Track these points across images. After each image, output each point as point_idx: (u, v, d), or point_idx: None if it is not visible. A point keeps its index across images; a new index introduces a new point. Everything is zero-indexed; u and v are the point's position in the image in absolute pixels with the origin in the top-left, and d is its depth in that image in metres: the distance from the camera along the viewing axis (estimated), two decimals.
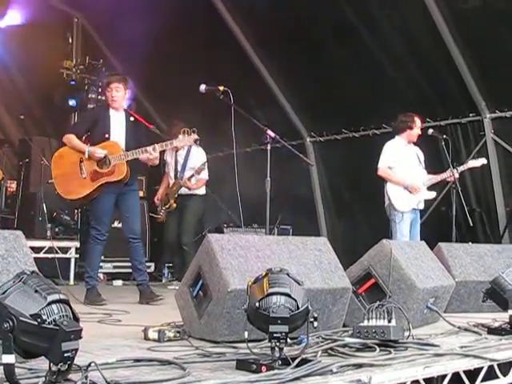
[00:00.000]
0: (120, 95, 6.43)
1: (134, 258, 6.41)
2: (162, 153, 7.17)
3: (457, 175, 7.45)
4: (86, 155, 6.16)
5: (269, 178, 5.65)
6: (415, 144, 7.67)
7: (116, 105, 6.42)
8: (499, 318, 4.68)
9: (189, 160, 8.48)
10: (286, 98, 10.68)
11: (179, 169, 8.54)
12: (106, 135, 6.29)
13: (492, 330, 4.30)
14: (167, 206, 8.58)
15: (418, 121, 7.55)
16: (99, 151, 6.15)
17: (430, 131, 7.51)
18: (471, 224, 7.69)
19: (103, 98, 11.78)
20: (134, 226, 6.41)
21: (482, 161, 7.74)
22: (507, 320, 4.30)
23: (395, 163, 7.42)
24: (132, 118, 6.47)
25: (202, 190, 8.68)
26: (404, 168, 7.42)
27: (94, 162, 6.19)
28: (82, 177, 6.21)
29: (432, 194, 7.58)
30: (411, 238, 7.31)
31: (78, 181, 6.22)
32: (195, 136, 6.40)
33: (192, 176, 8.37)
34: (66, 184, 6.28)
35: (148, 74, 11.36)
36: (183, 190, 8.51)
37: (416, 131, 7.50)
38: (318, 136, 10.85)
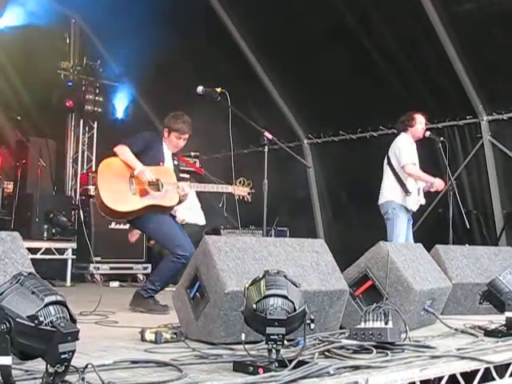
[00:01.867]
0: (184, 144, 6.34)
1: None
2: None
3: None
4: (136, 172, 5.87)
5: (266, 180, 5.65)
6: (421, 145, 7.61)
7: (175, 151, 6.32)
8: (496, 320, 4.68)
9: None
10: (283, 100, 10.70)
11: None
12: (161, 163, 6.12)
13: (489, 332, 4.31)
14: None
15: (418, 117, 7.42)
16: (149, 174, 5.89)
17: (428, 133, 7.49)
18: (468, 226, 7.70)
19: (100, 99, 11.82)
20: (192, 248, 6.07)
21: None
22: (504, 322, 4.30)
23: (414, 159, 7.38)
24: (176, 162, 6.35)
25: (199, 220, 8.63)
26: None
27: (147, 182, 5.96)
28: (131, 192, 5.90)
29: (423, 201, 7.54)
30: (405, 239, 7.29)
31: (126, 194, 5.88)
32: (248, 189, 6.29)
33: None
34: (114, 194, 5.85)
35: (145, 76, 11.37)
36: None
37: (419, 127, 7.40)
38: (315, 138, 10.87)
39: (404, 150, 7.36)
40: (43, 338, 2.28)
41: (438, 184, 7.30)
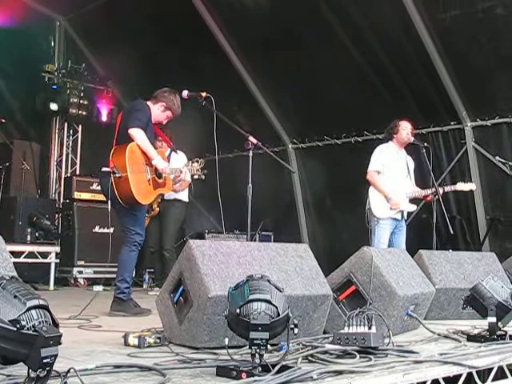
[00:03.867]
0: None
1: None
2: None
3: (440, 192, 7.44)
4: (155, 162, 5.90)
5: (250, 185, 5.64)
6: (406, 151, 7.66)
7: (155, 122, 6.29)
8: (479, 325, 4.70)
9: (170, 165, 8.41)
10: (268, 105, 10.71)
11: None
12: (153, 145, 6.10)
13: (471, 337, 4.33)
14: (151, 213, 8.53)
15: (402, 123, 7.48)
16: (169, 169, 6.05)
17: (412, 139, 7.53)
18: (452, 232, 7.72)
19: (85, 102, 11.78)
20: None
21: (471, 186, 7.69)
22: (486, 327, 4.32)
23: (384, 167, 7.39)
24: None
25: (185, 197, 8.62)
26: (391, 174, 7.39)
27: (153, 168, 5.99)
28: (147, 182, 5.93)
29: (412, 207, 7.56)
30: (395, 246, 7.29)
31: (146, 185, 5.92)
32: (195, 165, 6.57)
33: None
34: (139, 186, 5.82)
35: (130, 79, 11.36)
36: (166, 195, 8.44)
37: (403, 133, 7.44)
38: (300, 143, 10.89)
39: (373, 157, 7.46)
40: (25, 342, 2.26)
41: (392, 203, 7.31)
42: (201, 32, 10.24)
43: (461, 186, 7.60)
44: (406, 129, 7.48)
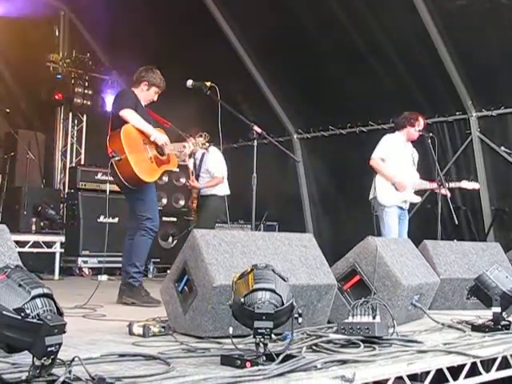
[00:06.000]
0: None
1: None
2: None
3: (446, 192, 7.42)
4: (153, 137, 5.85)
5: (255, 174, 5.64)
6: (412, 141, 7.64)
7: (146, 103, 6.25)
8: (483, 315, 4.70)
9: (203, 163, 8.33)
10: (273, 95, 10.70)
11: (196, 172, 8.42)
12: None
13: (476, 327, 4.32)
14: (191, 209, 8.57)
15: (421, 121, 7.41)
16: (167, 140, 5.94)
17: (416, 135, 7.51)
18: (456, 222, 7.71)
19: (90, 92, 11.78)
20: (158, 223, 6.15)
21: (474, 185, 7.67)
22: (491, 317, 4.32)
23: (389, 156, 7.36)
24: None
25: (222, 191, 8.37)
26: (397, 164, 7.36)
27: (154, 146, 5.94)
28: (149, 160, 5.87)
29: (417, 199, 7.55)
30: (398, 235, 7.29)
31: (148, 163, 5.86)
32: (201, 139, 6.53)
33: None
34: (142, 165, 5.78)
35: (135, 69, 11.32)
36: (203, 191, 8.38)
37: (416, 129, 7.41)
38: (304, 133, 10.88)
39: (379, 145, 7.40)
40: (30, 330, 2.27)
41: (399, 186, 7.29)
42: (205, 21, 10.23)
43: (465, 184, 7.59)
44: (419, 126, 7.43)
